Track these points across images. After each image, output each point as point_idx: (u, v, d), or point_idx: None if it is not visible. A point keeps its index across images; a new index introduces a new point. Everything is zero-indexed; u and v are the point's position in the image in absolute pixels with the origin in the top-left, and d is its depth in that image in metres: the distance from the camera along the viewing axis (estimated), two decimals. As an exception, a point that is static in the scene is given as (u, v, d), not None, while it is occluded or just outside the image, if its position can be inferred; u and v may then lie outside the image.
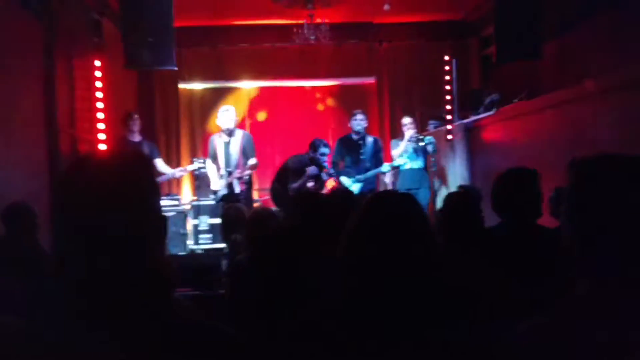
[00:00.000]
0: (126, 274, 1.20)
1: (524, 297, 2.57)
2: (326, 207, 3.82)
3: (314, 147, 7.30)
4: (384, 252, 1.62)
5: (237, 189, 7.14)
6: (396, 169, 8.04)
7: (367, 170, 7.62)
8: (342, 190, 5.52)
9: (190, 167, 7.51)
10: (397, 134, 8.80)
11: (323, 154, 7.27)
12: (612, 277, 1.33)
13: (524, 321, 1.39)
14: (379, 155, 7.81)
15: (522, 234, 3.03)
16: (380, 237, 1.64)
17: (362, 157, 7.63)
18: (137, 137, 7.57)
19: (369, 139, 7.78)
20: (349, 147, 7.78)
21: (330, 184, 8.08)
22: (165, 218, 1.31)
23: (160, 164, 7.58)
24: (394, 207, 1.71)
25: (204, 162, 7.47)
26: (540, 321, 1.37)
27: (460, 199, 3.20)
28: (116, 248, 1.20)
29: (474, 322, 1.66)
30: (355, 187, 7.49)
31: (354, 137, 7.75)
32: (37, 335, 1.19)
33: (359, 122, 7.66)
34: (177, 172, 7.55)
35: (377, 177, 7.97)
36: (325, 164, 7.29)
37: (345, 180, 7.62)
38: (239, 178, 7.13)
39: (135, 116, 7.62)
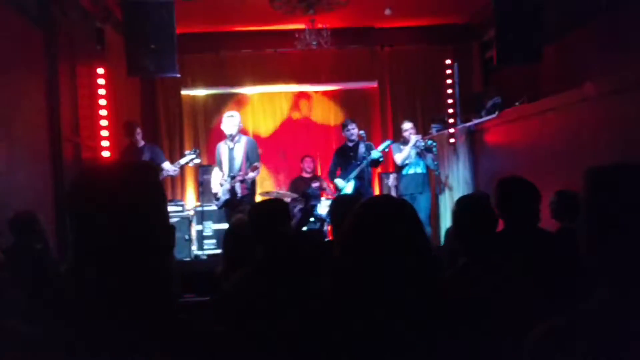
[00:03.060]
0: (134, 282, 1.22)
1: (538, 300, 2.59)
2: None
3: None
4: (375, 258, 1.62)
5: (239, 193, 7.15)
6: (397, 169, 8.16)
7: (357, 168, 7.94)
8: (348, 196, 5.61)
9: (184, 160, 7.49)
10: (399, 137, 8.82)
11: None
12: (633, 284, 1.35)
13: (541, 325, 1.40)
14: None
15: (528, 237, 3.10)
16: (371, 244, 1.64)
17: (353, 160, 7.96)
18: (140, 143, 7.64)
19: (362, 145, 8.03)
20: (344, 155, 8.14)
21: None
22: (172, 227, 1.33)
23: (167, 166, 7.56)
24: (385, 214, 1.71)
25: (195, 152, 7.51)
26: (559, 325, 1.38)
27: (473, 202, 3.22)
28: (125, 257, 1.21)
29: (473, 327, 1.66)
30: (349, 186, 7.87)
31: (349, 144, 8.14)
32: (45, 341, 1.21)
33: (351, 132, 8.06)
34: (171, 169, 7.50)
35: (372, 176, 8.07)
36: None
37: (339, 182, 8.03)
38: (242, 181, 7.14)
39: (137, 130, 7.68)
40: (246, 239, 3.55)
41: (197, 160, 7.58)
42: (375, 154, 7.83)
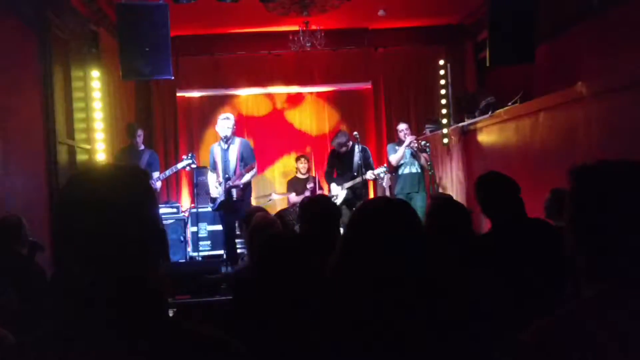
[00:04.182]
0: (123, 286, 1.22)
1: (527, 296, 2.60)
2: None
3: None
4: (377, 259, 1.63)
5: (235, 195, 7.15)
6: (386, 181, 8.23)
7: (353, 178, 7.85)
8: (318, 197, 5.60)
9: (180, 165, 7.54)
10: (394, 138, 8.85)
11: None
12: (617, 280, 1.36)
13: (531, 322, 1.41)
14: (368, 162, 8.02)
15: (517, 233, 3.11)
16: (372, 246, 1.65)
17: (349, 164, 7.96)
18: (140, 146, 7.72)
19: (357, 149, 7.98)
20: (340, 157, 8.11)
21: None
22: (163, 230, 1.34)
23: (156, 176, 7.59)
24: (387, 215, 1.72)
25: (191, 158, 7.53)
26: (548, 322, 1.39)
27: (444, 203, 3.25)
28: (114, 261, 1.21)
29: (472, 327, 1.67)
30: (341, 195, 7.90)
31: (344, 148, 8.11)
32: (29, 349, 1.22)
33: (344, 143, 8.01)
34: (167, 172, 7.60)
35: (367, 183, 8.07)
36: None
37: (334, 188, 8.05)
38: (237, 186, 7.13)
39: (139, 131, 7.80)
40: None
41: (194, 165, 7.61)
42: (369, 175, 7.86)
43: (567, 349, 1.32)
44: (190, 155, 7.67)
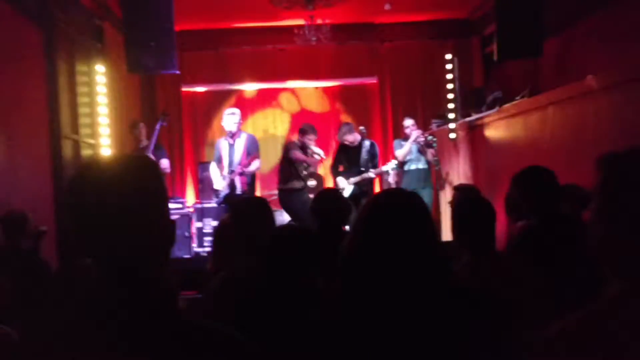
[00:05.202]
0: (133, 279, 1.20)
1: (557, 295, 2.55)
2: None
3: (303, 132, 7.64)
4: (388, 250, 1.61)
5: (239, 188, 7.13)
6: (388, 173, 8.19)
7: (360, 174, 7.81)
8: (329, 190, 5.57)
9: (158, 125, 7.63)
10: (400, 133, 8.81)
11: (311, 140, 7.59)
12: None
13: (554, 321, 1.34)
14: (375, 159, 7.95)
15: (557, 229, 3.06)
16: (385, 236, 1.63)
17: (357, 159, 7.86)
18: (144, 142, 7.69)
19: (366, 144, 7.92)
20: (347, 151, 8.01)
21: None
22: (173, 223, 1.30)
23: (165, 164, 7.60)
24: (400, 205, 1.70)
25: (162, 115, 7.63)
26: (571, 322, 1.33)
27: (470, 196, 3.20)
28: (123, 253, 1.19)
29: (488, 325, 1.64)
30: (348, 190, 7.82)
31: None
32: (30, 346, 1.20)
33: (351, 134, 7.88)
34: (167, 166, 7.62)
35: (372, 179, 8.01)
36: (314, 148, 7.60)
37: (341, 181, 7.90)
38: (241, 173, 7.13)
39: (141, 124, 7.82)
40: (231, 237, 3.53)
41: (167, 116, 7.81)
42: (372, 174, 7.80)
43: (589, 349, 1.26)
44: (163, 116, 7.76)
